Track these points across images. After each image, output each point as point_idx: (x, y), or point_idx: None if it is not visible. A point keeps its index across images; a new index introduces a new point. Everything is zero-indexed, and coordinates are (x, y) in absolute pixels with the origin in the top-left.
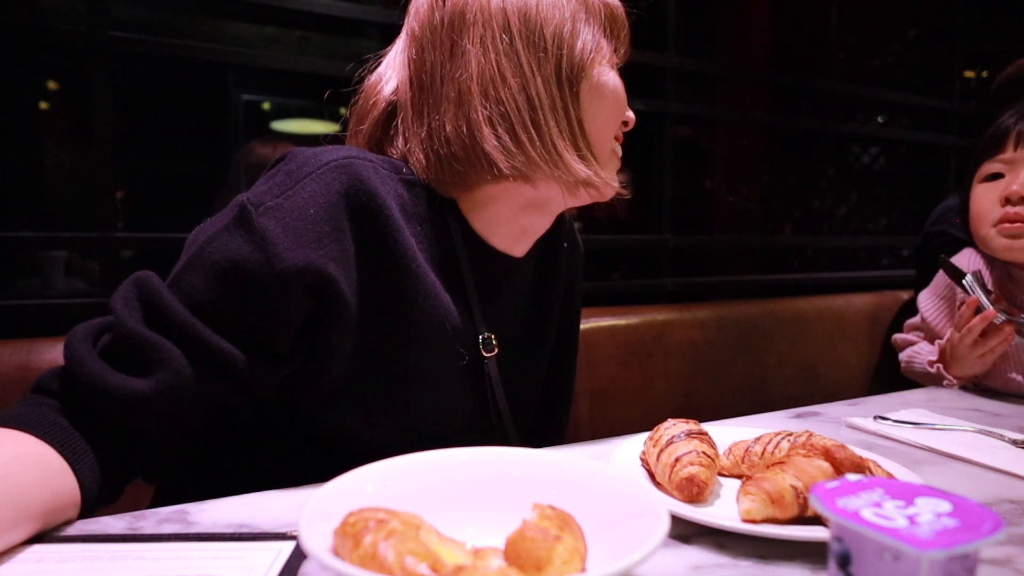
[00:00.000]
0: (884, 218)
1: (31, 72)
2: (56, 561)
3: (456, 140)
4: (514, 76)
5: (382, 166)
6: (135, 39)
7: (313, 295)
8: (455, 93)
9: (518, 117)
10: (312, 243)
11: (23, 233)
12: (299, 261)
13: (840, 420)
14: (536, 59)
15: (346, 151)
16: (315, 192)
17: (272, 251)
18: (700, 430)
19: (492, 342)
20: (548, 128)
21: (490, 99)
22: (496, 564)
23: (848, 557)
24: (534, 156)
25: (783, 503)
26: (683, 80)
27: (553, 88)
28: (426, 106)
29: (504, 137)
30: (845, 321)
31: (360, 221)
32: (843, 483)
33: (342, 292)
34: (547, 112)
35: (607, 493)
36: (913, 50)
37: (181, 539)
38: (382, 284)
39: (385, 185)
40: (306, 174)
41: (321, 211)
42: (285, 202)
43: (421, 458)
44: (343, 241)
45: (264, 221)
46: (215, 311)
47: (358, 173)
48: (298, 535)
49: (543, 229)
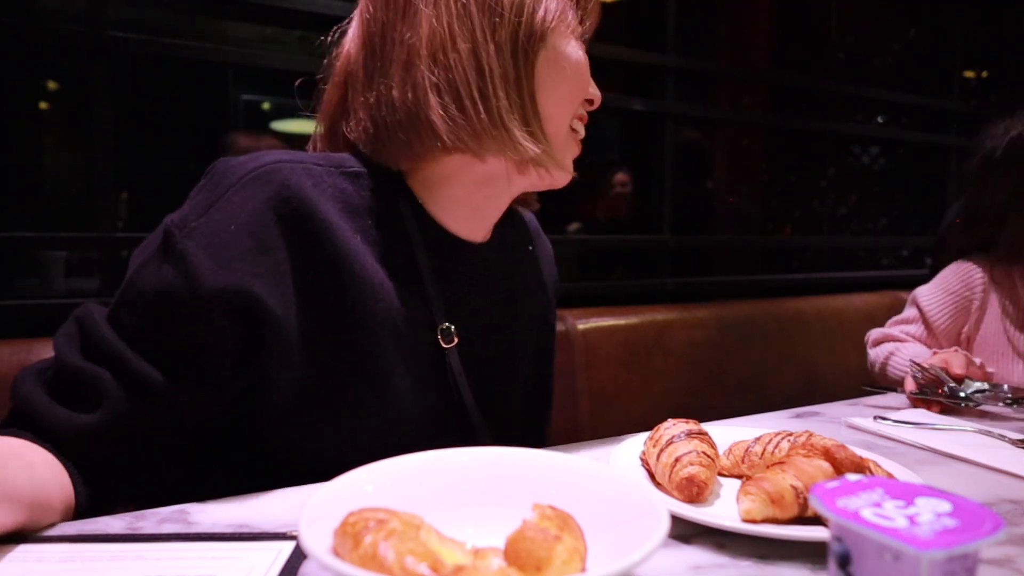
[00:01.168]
0: (884, 218)
1: (31, 72)
2: (56, 561)
3: (401, 106)
4: (465, 41)
5: (316, 164)
6: (135, 39)
7: (241, 317)
8: (404, 56)
9: (465, 85)
10: (234, 262)
11: (23, 233)
12: (220, 283)
13: (840, 420)
14: (491, 24)
15: (273, 156)
16: (237, 206)
17: (193, 275)
18: (700, 430)
19: (451, 332)
20: (496, 99)
21: (438, 64)
22: (496, 564)
23: (848, 557)
24: (479, 128)
25: (783, 503)
26: (683, 80)
27: (506, 57)
28: (376, 71)
29: (450, 106)
30: (845, 321)
31: (292, 229)
32: (843, 483)
33: (271, 310)
34: (496, 82)
35: (607, 493)
36: (913, 50)
37: (181, 539)
38: (325, 291)
39: (319, 186)
40: (227, 187)
41: (244, 226)
42: (208, 220)
43: (421, 458)
44: (271, 255)
45: (186, 244)
46: (148, 340)
47: (284, 179)
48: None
49: (499, 211)
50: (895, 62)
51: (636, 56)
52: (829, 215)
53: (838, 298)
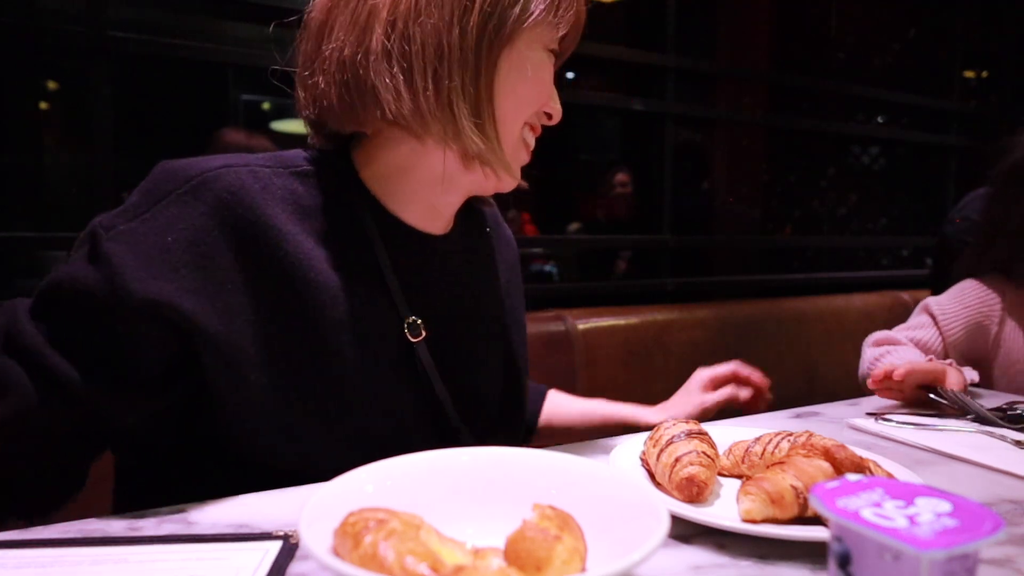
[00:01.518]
0: (884, 218)
1: (31, 72)
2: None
3: (351, 66)
4: (430, 16)
5: (264, 165)
6: (135, 39)
7: (168, 329)
8: (364, 16)
9: (419, 60)
10: (166, 274)
11: (23, 233)
12: (148, 293)
13: (840, 420)
14: (461, 7)
15: (219, 160)
16: (176, 217)
17: (118, 280)
18: (700, 430)
19: (419, 326)
20: (449, 81)
21: (396, 31)
22: (496, 564)
23: (848, 557)
24: (424, 107)
25: (783, 503)
26: (683, 80)
27: (469, 44)
28: (336, 24)
29: (398, 76)
30: (845, 321)
31: (238, 238)
32: (843, 483)
33: (204, 328)
34: (454, 67)
35: (607, 493)
36: (913, 50)
37: (167, 541)
38: (278, 301)
39: (267, 189)
40: (166, 193)
41: (182, 238)
42: (140, 226)
43: (421, 458)
44: (213, 269)
45: (111, 247)
46: (67, 338)
47: (228, 186)
48: (285, 534)
49: (454, 206)
50: (895, 62)
51: (636, 56)
52: (829, 215)
53: (838, 298)
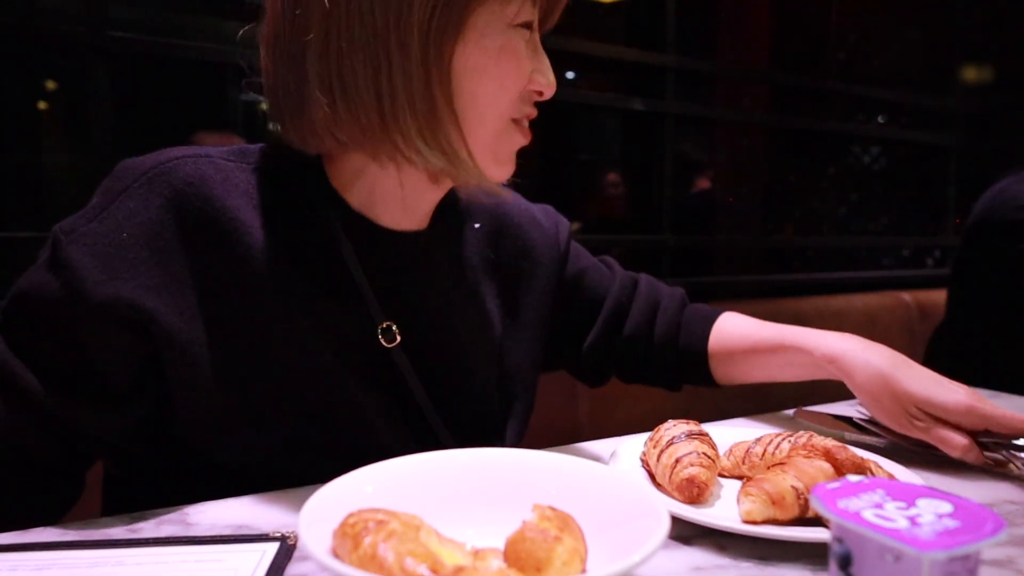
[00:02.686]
0: (884, 218)
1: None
2: (32, 569)
3: (289, 95)
4: (362, 27)
5: (226, 159)
6: (134, 39)
7: (132, 331)
8: (299, 45)
9: (353, 80)
10: (124, 272)
11: (23, 233)
12: (107, 295)
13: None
14: (396, 9)
15: (176, 151)
16: (131, 211)
17: (79, 286)
18: (700, 431)
19: (393, 331)
20: (393, 100)
21: (330, 53)
22: (496, 565)
23: (849, 558)
24: (368, 129)
25: (784, 504)
26: (683, 80)
27: (411, 51)
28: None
29: (337, 103)
30: (845, 321)
31: (196, 232)
32: (844, 484)
33: (165, 326)
34: (396, 80)
35: (607, 494)
36: (913, 50)
37: (165, 543)
38: (238, 300)
39: (229, 182)
40: (123, 189)
41: (137, 232)
42: (98, 226)
43: (421, 459)
44: (171, 264)
45: (71, 251)
46: (33, 349)
47: (186, 177)
48: (283, 535)
49: (430, 203)
50: (895, 62)
51: (636, 56)
52: (829, 215)
53: (838, 298)
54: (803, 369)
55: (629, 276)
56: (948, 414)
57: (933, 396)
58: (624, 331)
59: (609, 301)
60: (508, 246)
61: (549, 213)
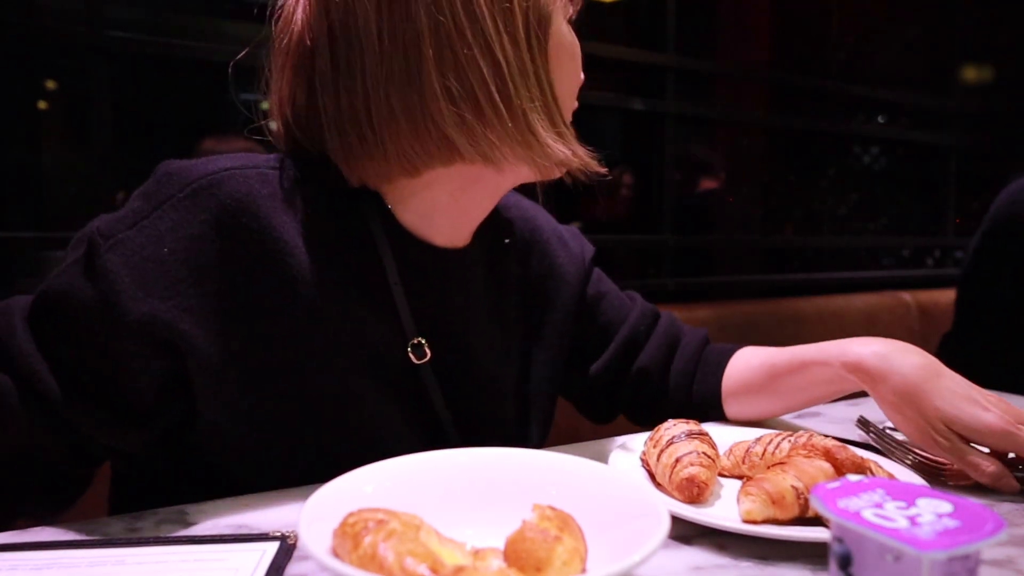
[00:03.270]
0: (884, 218)
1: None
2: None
3: (403, 114)
4: (476, 35)
5: (273, 167)
6: (134, 39)
7: (164, 349)
8: (401, 53)
9: (483, 88)
10: (162, 291)
11: (23, 233)
12: (143, 313)
13: (841, 420)
14: (501, 12)
15: (225, 162)
16: (174, 224)
17: (114, 299)
18: (701, 430)
19: (424, 347)
20: (519, 100)
21: (447, 64)
22: (496, 565)
23: (849, 558)
24: (504, 136)
25: (784, 504)
26: (683, 80)
27: (522, 48)
28: (351, 67)
29: (468, 115)
30: (845, 321)
31: (239, 250)
32: (844, 484)
33: (199, 348)
34: (517, 80)
35: (607, 494)
36: (913, 50)
37: (165, 542)
38: (275, 319)
39: (275, 196)
40: (166, 198)
41: (179, 249)
42: (138, 235)
43: (421, 458)
44: (207, 283)
45: (110, 259)
46: (59, 350)
47: (234, 191)
48: (283, 534)
49: (485, 212)
50: (895, 62)
51: (636, 56)
52: (829, 215)
53: (838, 298)
54: (828, 386)
55: (651, 309)
56: (977, 436)
57: (961, 415)
58: (637, 363)
59: (625, 329)
60: (535, 264)
61: (576, 235)
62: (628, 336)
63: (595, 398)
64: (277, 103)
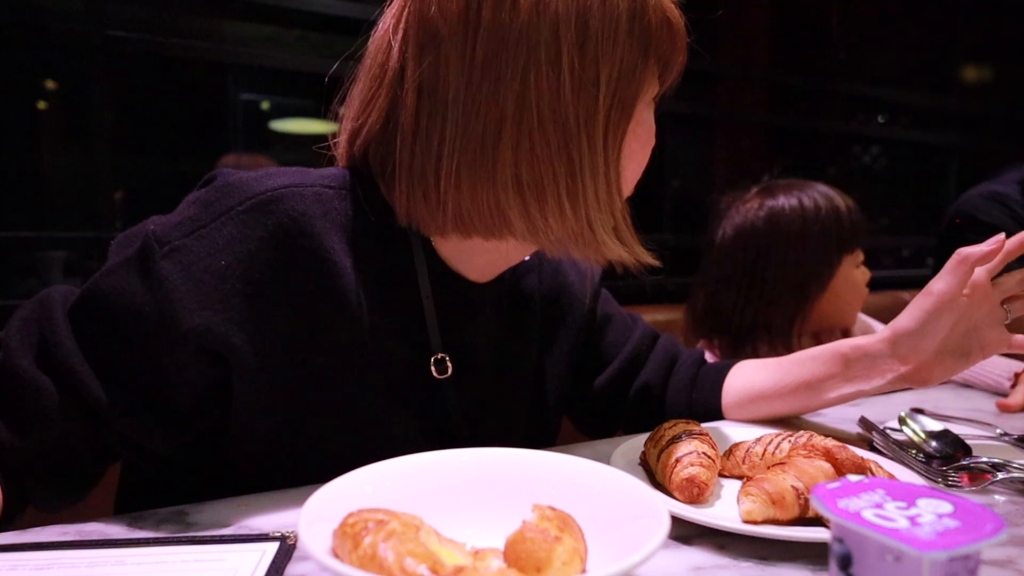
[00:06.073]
0: (885, 218)
1: (30, 71)
2: (31, 569)
3: (470, 191)
4: (556, 131)
5: (328, 186)
6: (134, 39)
7: (212, 359)
8: (479, 132)
9: (552, 184)
10: (216, 303)
11: (23, 233)
12: (196, 324)
13: (841, 420)
14: (585, 108)
15: (283, 179)
16: (232, 238)
17: (169, 308)
18: (701, 431)
19: (446, 363)
20: (585, 199)
21: (522, 153)
22: (496, 565)
23: (849, 558)
24: (563, 231)
25: (784, 504)
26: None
27: (598, 145)
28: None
29: (532, 205)
30: None
31: (291, 267)
32: (844, 484)
33: (246, 361)
34: (587, 179)
35: (607, 494)
36: (913, 50)
37: (164, 543)
38: (316, 334)
39: (329, 216)
40: (225, 210)
41: (235, 263)
42: (195, 243)
43: (421, 459)
44: (258, 299)
45: (166, 266)
46: (106, 356)
47: (291, 210)
48: (282, 535)
49: (523, 256)
50: (895, 62)
51: None
52: None
53: None
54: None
55: (651, 330)
56: None
57: None
58: (638, 380)
59: (627, 348)
60: (549, 280)
61: None
62: (631, 354)
63: (595, 413)
64: (351, 120)
